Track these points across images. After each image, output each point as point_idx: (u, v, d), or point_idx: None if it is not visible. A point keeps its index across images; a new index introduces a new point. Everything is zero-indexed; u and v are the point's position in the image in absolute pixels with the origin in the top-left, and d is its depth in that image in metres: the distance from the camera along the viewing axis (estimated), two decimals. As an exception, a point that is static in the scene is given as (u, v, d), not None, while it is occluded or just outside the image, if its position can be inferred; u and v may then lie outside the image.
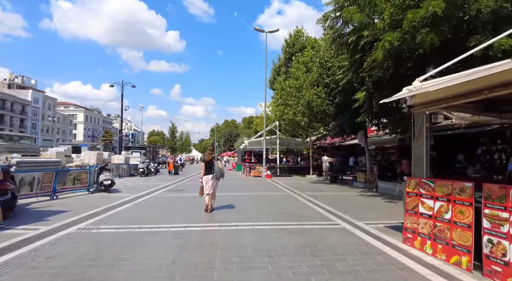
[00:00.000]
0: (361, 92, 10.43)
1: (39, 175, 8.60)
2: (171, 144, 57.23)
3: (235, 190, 12.45)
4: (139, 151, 36.81)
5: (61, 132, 73.11)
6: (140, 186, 14.40)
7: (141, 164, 21.55)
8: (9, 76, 65.66)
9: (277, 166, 21.82)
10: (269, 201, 9.54)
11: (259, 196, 10.72)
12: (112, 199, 9.68)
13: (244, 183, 16.34)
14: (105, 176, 11.19)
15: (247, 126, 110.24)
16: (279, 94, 20.83)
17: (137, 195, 10.80)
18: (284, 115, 20.08)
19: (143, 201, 9.47)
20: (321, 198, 10.18)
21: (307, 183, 16.29)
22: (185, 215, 7.13)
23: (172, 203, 9.11)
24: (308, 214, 7.28)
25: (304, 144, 23.86)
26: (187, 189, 13.15)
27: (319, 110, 13.73)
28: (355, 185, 14.81)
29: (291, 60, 36.63)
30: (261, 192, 11.95)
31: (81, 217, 6.68)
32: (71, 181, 10.09)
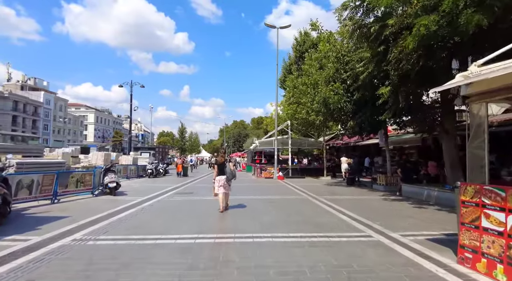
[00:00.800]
0: (385, 87, 9.54)
1: (38, 178, 8.01)
2: (181, 144, 56.87)
3: (247, 193, 11.68)
4: (148, 151, 36.47)
5: (72, 133, 73.82)
6: (148, 188, 13.78)
7: (149, 165, 21.02)
8: (22, 78, 66.58)
9: (289, 167, 20.97)
10: (285, 206, 8.72)
11: (274, 200, 9.92)
12: (117, 203, 9.04)
13: (256, 185, 15.56)
14: (110, 178, 10.58)
15: (256, 127, 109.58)
16: (291, 92, 20.00)
17: (143, 198, 10.15)
18: (296, 114, 19.23)
19: (149, 205, 8.79)
20: (341, 202, 9.32)
21: (323, 186, 15.40)
22: (194, 222, 6.39)
23: (180, 208, 8.40)
24: (332, 223, 6.44)
25: (316, 144, 22.93)
26: (196, 191, 12.45)
27: (336, 108, 12.84)
28: (375, 188, 13.85)
29: (301, 58, 35.89)
30: (275, 196, 11.15)
31: (79, 225, 6.01)
32: (74, 183, 9.50)
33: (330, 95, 12.71)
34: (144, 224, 6.20)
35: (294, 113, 19.46)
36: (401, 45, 8.34)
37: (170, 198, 10.37)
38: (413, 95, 9.96)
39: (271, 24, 21.11)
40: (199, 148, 71.73)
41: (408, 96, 9.77)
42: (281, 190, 13.29)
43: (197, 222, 6.40)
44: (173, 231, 5.62)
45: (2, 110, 54.20)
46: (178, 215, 7.32)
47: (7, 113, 54.94)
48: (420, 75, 8.91)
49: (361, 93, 11.61)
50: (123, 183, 15.70)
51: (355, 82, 12.41)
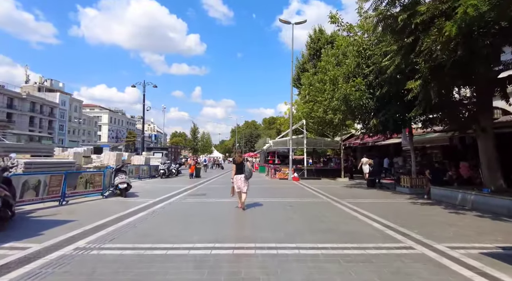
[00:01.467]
0: (414, 81, 8.72)
1: (45, 178, 7.61)
2: (193, 144, 56.78)
3: (263, 195, 11.04)
4: (161, 152, 36.40)
5: (86, 133, 75.03)
6: (160, 189, 13.34)
7: (162, 165, 20.68)
8: (39, 79, 68.11)
9: (304, 168, 20.21)
10: (307, 211, 8.03)
11: (293, 204, 9.24)
12: (127, 205, 8.56)
13: (271, 187, 14.90)
14: (121, 179, 10.14)
15: (268, 127, 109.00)
16: (307, 89, 19.26)
17: (155, 200, 9.67)
18: (312, 112, 18.48)
19: (161, 208, 8.28)
20: (367, 206, 8.56)
21: (342, 188, 14.60)
22: (209, 228, 5.80)
23: (193, 211, 7.83)
24: (363, 231, 5.73)
25: (333, 144, 22.08)
26: (209, 193, 11.90)
27: (357, 105, 12.04)
28: (398, 191, 12.97)
29: (316, 56, 35.07)
30: (294, 198, 10.46)
31: (84, 230, 5.51)
32: (83, 184, 9.09)
33: (351, 91, 11.93)
34: (154, 230, 5.65)
35: (310, 111, 18.71)
36: (434, 34, 7.55)
37: (183, 200, 9.84)
38: (446, 89, 9.11)
39: (286, 19, 20.40)
40: (211, 148, 71.58)
41: (440, 90, 8.93)
42: (298, 192, 12.59)
43: (212, 228, 5.80)
44: (186, 238, 5.04)
45: (21, 111, 55.42)
46: (191, 219, 6.74)
47: (25, 114, 56.15)
48: (455, 67, 8.07)
49: (385, 89, 10.79)
50: (135, 184, 15.35)
51: (377, 77, 11.62)
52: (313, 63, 26.51)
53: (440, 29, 7.34)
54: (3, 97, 52.79)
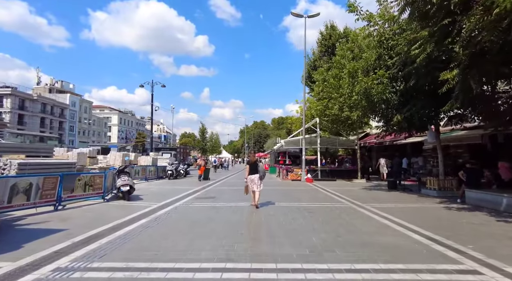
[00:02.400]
0: (449, 71, 7.66)
1: (38, 181, 6.86)
2: (202, 145, 56.16)
3: (277, 199, 10.11)
4: (170, 152, 35.87)
5: (96, 134, 75.43)
6: (166, 191, 12.54)
7: (169, 166, 19.95)
8: (50, 81, 68.76)
9: (318, 169, 19.17)
10: (330, 218, 7.06)
11: (312, 210, 8.27)
12: (128, 210, 7.76)
13: (284, 189, 13.94)
14: (123, 181, 9.36)
15: (277, 127, 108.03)
16: (321, 86, 18.23)
17: (160, 204, 8.85)
18: (327, 110, 17.44)
19: (165, 213, 7.43)
20: (397, 212, 7.53)
21: (361, 190, 13.54)
22: (219, 241, 4.91)
23: (201, 218, 6.95)
24: (406, 246, 4.74)
25: (348, 143, 20.96)
26: (219, 196, 11.02)
27: (379, 100, 11.00)
28: (424, 193, 11.84)
29: (327, 52, 33.96)
30: (311, 203, 9.49)
31: (73, 242, 4.69)
32: (82, 187, 8.32)
33: (372, 84, 10.89)
34: (154, 244, 4.78)
35: (324, 109, 17.67)
36: (479, 13, 6.50)
37: (190, 204, 8.99)
38: (488, 79, 8.00)
39: (297, 13, 19.43)
40: (220, 148, 70.90)
41: (482, 80, 7.85)
42: (314, 195, 11.60)
43: (222, 242, 4.90)
44: (192, 255, 4.15)
45: (32, 112, 55.89)
46: (198, 229, 5.86)
47: (36, 115, 56.62)
48: (502, 52, 6.99)
49: (412, 81, 9.71)
50: (141, 186, 14.63)
51: (402, 69, 10.56)
52: (327, 58, 25.37)
53: (486, 7, 6.30)
54: (15, 99, 53.30)
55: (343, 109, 16.76)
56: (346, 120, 17.54)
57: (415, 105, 10.46)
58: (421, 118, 10.76)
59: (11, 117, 52.13)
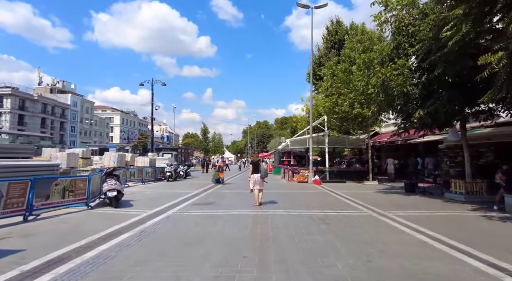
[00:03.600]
0: (491, 54, 6.43)
1: (1, 187, 5.72)
2: (204, 145, 55.11)
3: (285, 205, 8.92)
4: (170, 152, 34.78)
5: (98, 134, 74.69)
6: (161, 195, 11.41)
7: (168, 167, 18.81)
8: (51, 81, 68.11)
9: (326, 170, 17.93)
10: (352, 232, 5.86)
11: (327, 219, 7.07)
12: (112, 220, 6.63)
13: (291, 193, 12.74)
14: (109, 186, 8.22)
15: (280, 127, 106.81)
16: (329, 81, 17.00)
17: (151, 211, 7.71)
18: (336, 107, 16.20)
19: (154, 225, 6.28)
20: (428, 223, 6.31)
21: (375, 194, 12.31)
22: (214, 271, 3.72)
23: (196, 232, 5.79)
24: (466, 279, 3.53)
25: (358, 142, 19.69)
26: (219, 201, 9.85)
27: (399, 93, 9.77)
28: (449, 197, 10.58)
29: (333, 48, 32.69)
30: (324, 210, 8.27)
31: (21, 272, 3.55)
32: (59, 193, 7.19)
33: (391, 76, 9.67)
34: (127, 273, 3.62)
35: (333, 106, 16.44)
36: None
37: (185, 212, 7.83)
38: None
39: (304, 3, 18.25)
40: (222, 149, 69.85)
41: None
42: (326, 200, 10.38)
43: (219, 271, 3.72)
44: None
45: (32, 113, 55.19)
46: (188, 251, 4.68)
47: (37, 115, 55.93)
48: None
49: (439, 70, 8.48)
50: (135, 189, 13.52)
51: (424, 59, 9.34)
52: (334, 52, 24.10)
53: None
54: (15, 99, 52.61)
55: (353, 105, 15.53)
56: (356, 118, 16.32)
57: (440, 98, 9.23)
58: (446, 113, 9.52)
59: (11, 117, 51.49)
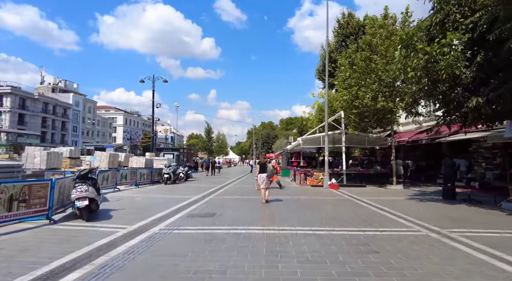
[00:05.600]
0: None
1: None
2: (207, 145, 53.27)
3: (305, 218, 6.94)
4: (172, 153, 33.01)
5: (101, 134, 73.40)
6: (153, 202, 9.52)
7: (166, 169, 16.93)
8: (53, 80, 66.90)
9: (343, 172, 15.88)
10: (418, 266, 3.85)
11: (371, 242, 5.08)
12: (71, 243, 4.73)
13: (308, 200, 10.73)
14: (79, 193, 6.31)
15: (285, 128, 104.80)
16: (348, 71, 14.97)
17: (131, 228, 5.83)
18: (356, 100, 14.15)
19: (125, 254, 4.34)
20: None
21: (408, 201, 10.26)
22: None
23: (187, 268, 3.84)
24: None
25: (379, 141, 17.57)
26: (220, 212, 7.88)
27: (448, 76, 7.73)
28: (506, 208, 8.48)
29: (344, 42, 30.63)
30: (359, 227, 6.26)
31: None
32: (4, 204, 5.29)
33: (439, 55, 7.63)
34: None
35: (353, 99, 14.39)
36: None
37: (176, 229, 5.89)
38: None
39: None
40: (226, 149, 68.00)
41: None
42: (357, 211, 8.31)
43: None
44: None
45: (33, 112, 53.93)
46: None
47: (37, 114, 54.65)
48: None
49: (510, 43, 6.45)
50: (125, 193, 11.62)
51: (481, 35, 7.33)
52: (353, 38, 22.01)
53: None
54: (15, 98, 51.35)
55: (377, 98, 13.50)
56: (377, 113, 14.25)
57: (506, 82, 7.19)
58: (511, 101, 7.47)
59: (11, 116, 50.21)
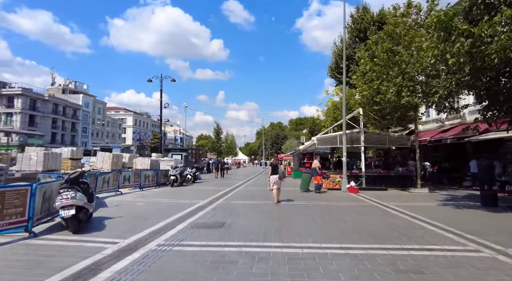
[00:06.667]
0: None
1: None
2: (216, 146, 52.43)
3: (331, 231, 5.82)
4: (180, 153, 32.19)
5: (110, 135, 73.49)
6: (155, 209, 8.54)
7: (172, 170, 15.99)
8: (64, 82, 67.28)
9: (363, 175, 14.64)
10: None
11: (425, 269, 3.93)
12: (46, 265, 3.77)
13: (330, 207, 9.57)
14: (65, 201, 5.35)
15: (295, 128, 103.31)
16: (368, 64, 13.74)
17: (124, 243, 4.84)
18: (377, 96, 12.92)
19: None
20: None
21: (443, 208, 9.01)
22: None
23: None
24: None
25: (401, 140, 16.20)
26: (231, 221, 6.81)
27: (502, 59, 6.48)
28: None
29: (358, 38, 29.29)
30: (403, 244, 5.10)
31: None
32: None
33: (486, 36, 6.40)
34: None
35: (374, 94, 13.15)
36: None
37: (177, 245, 4.86)
38: None
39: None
40: (235, 150, 67.12)
41: None
42: (390, 221, 7.09)
43: None
44: None
45: (43, 113, 54.12)
46: None
47: (47, 116, 54.83)
48: None
49: None
50: (126, 197, 10.65)
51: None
52: (374, 29, 20.71)
53: None
54: (26, 99, 51.60)
55: (401, 93, 12.25)
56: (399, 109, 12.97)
57: None
58: None
59: (22, 117, 50.44)
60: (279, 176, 9.61)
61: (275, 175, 9.61)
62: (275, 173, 9.64)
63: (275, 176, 9.59)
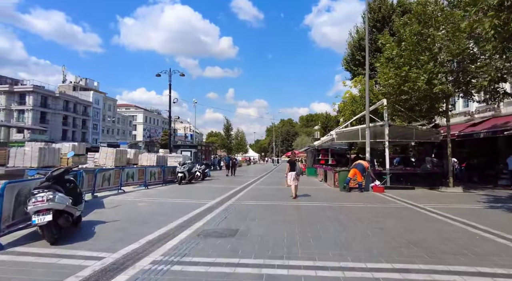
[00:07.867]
0: None
1: None
2: (226, 142, 51.47)
3: (365, 245, 4.62)
4: (189, 150, 31.34)
5: (121, 132, 73.52)
6: (158, 210, 7.46)
7: (180, 167, 14.99)
8: (74, 79, 67.45)
9: (388, 172, 13.27)
10: None
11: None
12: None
13: (354, 209, 8.32)
14: (40, 204, 4.30)
15: (305, 125, 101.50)
16: (394, 48, 12.32)
17: (110, 259, 3.74)
18: (405, 84, 11.50)
19: None
20: None
21: (493, 211, 7.66)
22: None
23: None
24: None
25: (429, 134, 14.68)
26: (245, 227, 5.66)
27: None
28: None
29: (375, 28, 27.64)
30: (475, 265, 3.85)
31: None
32: None
33: None
34: None
35: (401, 83, 11.75)
36: None
37: (176, 263, 3.74)
38: None
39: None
40: (246, 147, 66.07)
41: None
42: (439, 231, 5.81)
43: None
44: None
45: (54, 110, 54.22)
46: None
47: (58, 113, 54.91)
48: None
49: None
50: (129, 197, 9.58)
51: None
52: (400, 10, 19.14)
53: None
54: (37, 96, 51.72)
55: (432, 80, 10.85)
56: (430, 99, 11.55)
57: None
58: None
59: (33, 114, 50.59)
60: (296, 173, 9.76)
61: (293, 171, 9.73)
62: (293, 170, 9.75)
63: (293, 173, 9.72)
